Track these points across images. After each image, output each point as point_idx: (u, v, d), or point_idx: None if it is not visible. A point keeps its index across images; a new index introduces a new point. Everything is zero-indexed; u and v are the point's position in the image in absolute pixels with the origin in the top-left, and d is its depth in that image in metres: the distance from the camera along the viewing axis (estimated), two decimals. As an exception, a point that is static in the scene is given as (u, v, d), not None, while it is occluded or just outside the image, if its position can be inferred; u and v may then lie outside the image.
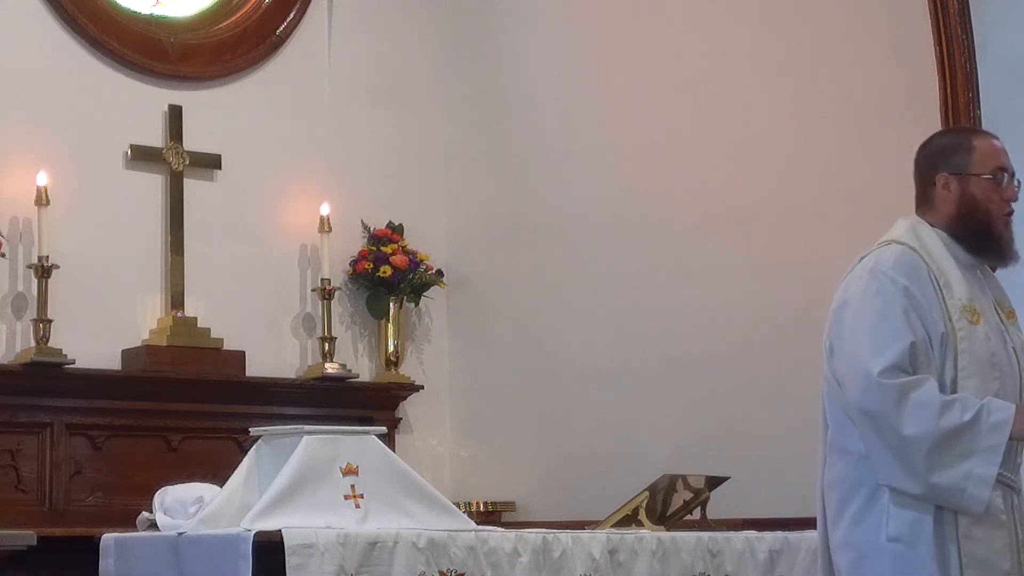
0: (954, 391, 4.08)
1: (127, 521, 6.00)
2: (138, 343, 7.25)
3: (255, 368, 7.46)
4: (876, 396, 4.02)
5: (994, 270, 4.46)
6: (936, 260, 4.20)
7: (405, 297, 7.94)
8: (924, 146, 4.41)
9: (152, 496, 5.76)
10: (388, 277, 7.82)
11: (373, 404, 7.78)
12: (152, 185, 7.47)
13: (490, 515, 7.58)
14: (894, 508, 4.06)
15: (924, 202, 4.35)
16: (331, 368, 7.62)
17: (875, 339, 4.06)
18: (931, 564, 4.01)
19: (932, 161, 4.34)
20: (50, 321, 6.89)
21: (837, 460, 4.18)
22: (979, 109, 6.48)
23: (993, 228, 4.27)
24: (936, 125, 6.47)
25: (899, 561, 4.03)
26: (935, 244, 4.24)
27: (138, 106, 7.48)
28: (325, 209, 7.75)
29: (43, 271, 6.91)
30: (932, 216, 4.31)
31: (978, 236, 4.27)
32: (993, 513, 4.06)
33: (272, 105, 7.85)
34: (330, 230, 7.75)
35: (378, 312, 7.93)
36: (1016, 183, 4.31)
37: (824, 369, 4.23)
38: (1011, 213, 4.29)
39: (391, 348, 7.91)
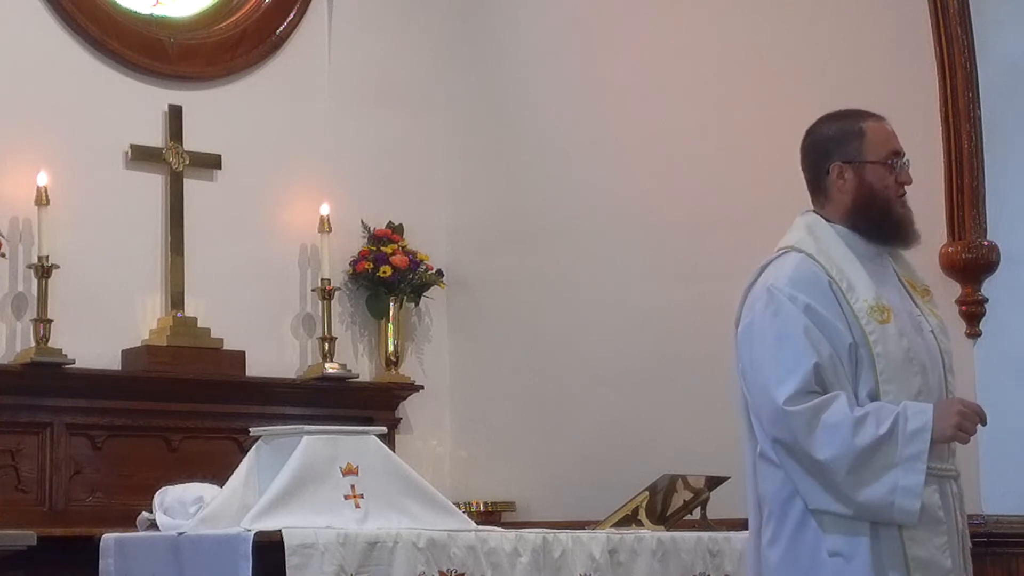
0: (877, 398, 3.98)
1: (127, 521, 6.01)
2: (138, 343, 7.25)
3: (255, 368, 7.46)
4: (785, 425, 3.94)
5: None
6: (836, 263, 4.08)
7: (405, 297, 7.94)
8: (811, 134, 4.29)
9: (152, 496, 5.76)
10: (388, 277, 7.82)
11: (373, 404, 7.78)
12: (152, 185, 7.47)
13: (490, 515, 7.58)
14: (829, 522, 3.97)
15: (818, 193, 4.24)
16: (331, 368, 7.62)
17: (777, 366, 3.97)
18: (871, 574, 3.93)
19: (823, 149, 4.22)
20: (50, 321, 6.89)
21: (768, 473, 4.10)
22: (979, 109, 6.48)
23: (892, 214, 4.15)
24: (936, 125, 6.47)
25: (840, 574, 3.94)
26: (834, 243, 4.12)
27: (138, 106, 7.47)
28: (325, 209, 7.76)
29: (43, 271, 6.91)
30: (829, 209, 4.21)
31: (878, 225, 4.15)
32: (930, 511, 3.97)
33: (272, 105, 7.85)
34: (330, 230, 7.75)
35: (378, 312, 7.93)
36: (907, 163, 4.20)
37: (741, 386, 4.13)
38: (904, 194, 4.17)
39: (391, 348, 7.91)
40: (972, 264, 6.45)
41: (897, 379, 4.01)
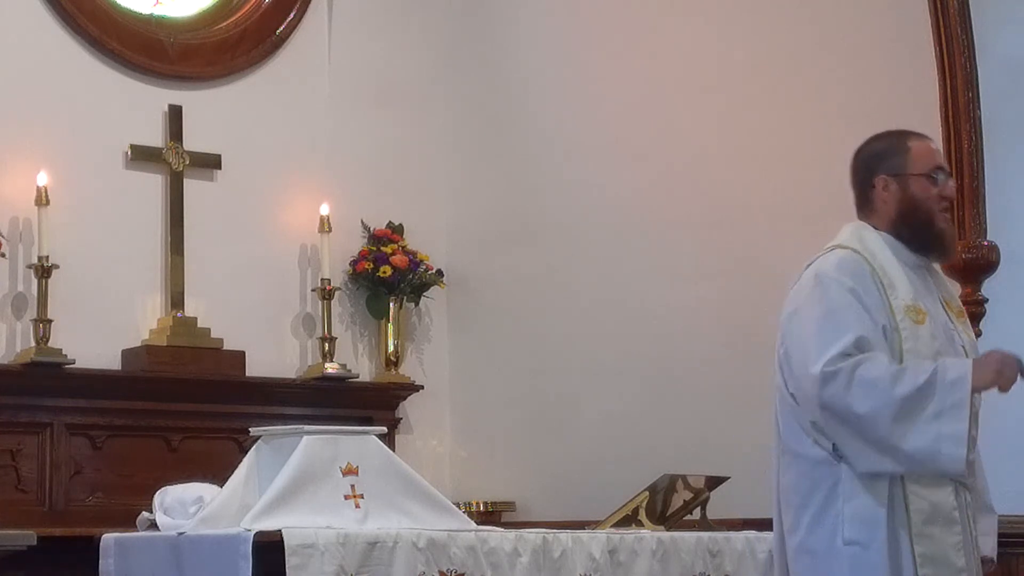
0: None
1: (127, 521, 6.00)
2: (138, 343, 7.25)
3: (255, 368, 7.46)
4: (828, 387, 4.07)
5: (942, 266, 4.54)
6: (879, 261, 4.28)
7: (405, 297, 7.94)
8: (859, 152, 4.50)
9: (152, 496, 5.76)
10: (388, 277, 7.82)
11: (373, 404, 7.78)
12: (152, 185, 7.47)
13: (490, 515, 7.58)
14: (848, 512, 4.13)
15: (865, 206, 4.44)
16: (331, 368, 7.62)
17: (820, 340, 4.13)
18: (886, 565, 4.08)
19: (870, 165, 4.43)
20: (50, 321, 6.89)
21: (791, 465, 4.25)
22: (979, 109, 6.48)
23: (934, 225, 4.36)
24: (936, 125, 6.47)
25: (856, 563, 4.10)
26: (878, 247, 4.32)
27: (138, 106, 7.47)
28: (325, 209, 7.76)
29: (43, 271, 6.91)
30: (874, 219, 4.40)
31: (921, 234, 4.36)
32: (945, 511, 4.14)
33: (272, 105, 7.85)
34: (330, 230, 7.75)
35: (378, 312, 7.93)
36: (951, 179, 4.41)
37: (776, 377, 4.29)
38: (948, 209, 4.38)
39: (391, 348, 7.91)
40: (972, 264, 6.45)
41: None
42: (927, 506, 4.14)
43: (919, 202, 4.34)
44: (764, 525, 6.32)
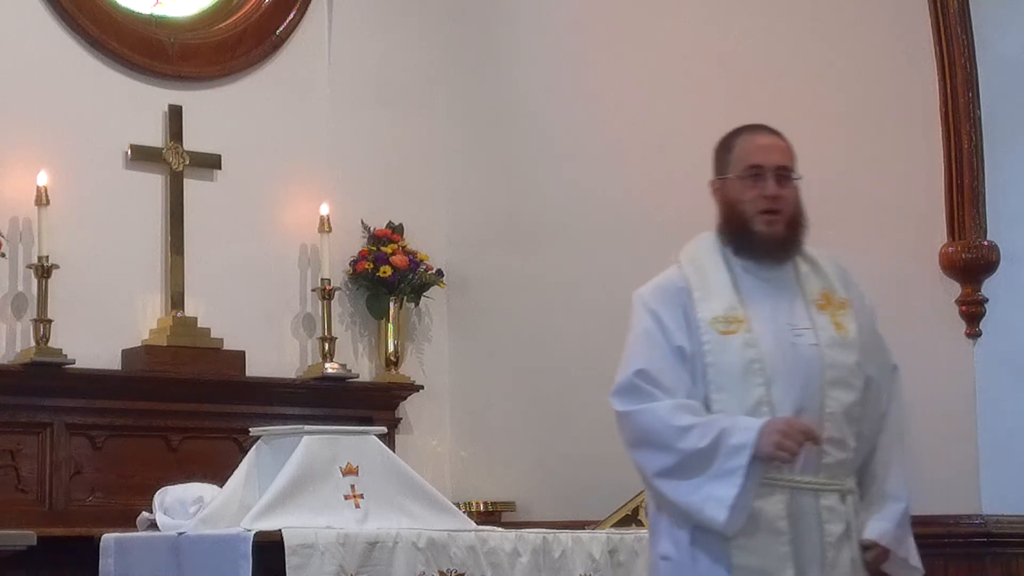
0: (710, 405, 4.08)
1: (127, 521, 6.02)
2: (138, 343, 7.25)
3: (255, 368, 7.46)
4: (621, 427, 4.21)
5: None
6: (704, 273, 4.20)
7: (405, 297, 7.94)
8: None
9: (152, 496, 5.77)
10: (388, 277, 7.82)
11: (373, 404, 7.78)
12: (152, 185, 7.47)
13: (490, 515, 7.58)
14: (663, 526, 4.15)
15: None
16: (331, 368, 7.62)
17: (621, 365, 4.25)
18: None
19: (713, 166, 4.37)
20: (50, 321, 6.89)
21: None
22: (979, 109, 6.47)
23: (749, 227, 4.21)
24: (936, 125, 6.47)
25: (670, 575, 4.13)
26: (709, 255, 4.25)
27: (138, 106, 7.48)
28: (325, 209, 7.76)
29: (43, 271, 6.91)
30: (718, 222, 4.32)
31: (739, 239, 4.22)
32: (770, 521, 4.02)
33: (272, 105, 7.85)
34: (330, 230, 7.75)
35: (378, 312, 7.93)
36: (786, 178, 4.23)
37: None
38: (771, 211, 4.18)
39: (391, 348, 7.91)
40: (972, 264, 6.44)
41: (729, 389, 4.08)
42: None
43: (733, 206, 4.22)
44: (764, 525, 6.33)
